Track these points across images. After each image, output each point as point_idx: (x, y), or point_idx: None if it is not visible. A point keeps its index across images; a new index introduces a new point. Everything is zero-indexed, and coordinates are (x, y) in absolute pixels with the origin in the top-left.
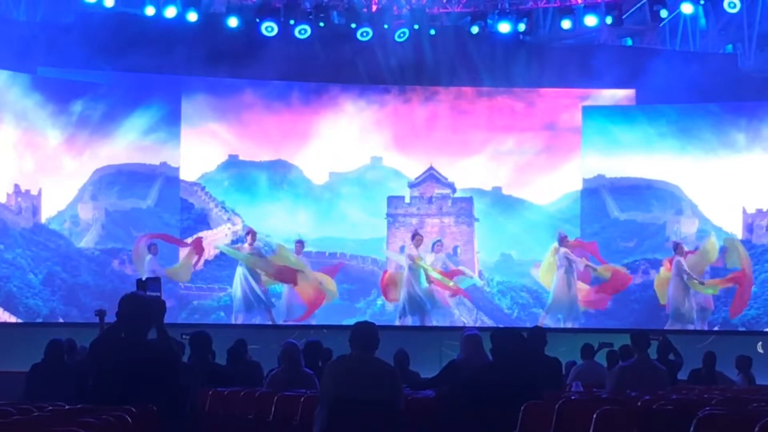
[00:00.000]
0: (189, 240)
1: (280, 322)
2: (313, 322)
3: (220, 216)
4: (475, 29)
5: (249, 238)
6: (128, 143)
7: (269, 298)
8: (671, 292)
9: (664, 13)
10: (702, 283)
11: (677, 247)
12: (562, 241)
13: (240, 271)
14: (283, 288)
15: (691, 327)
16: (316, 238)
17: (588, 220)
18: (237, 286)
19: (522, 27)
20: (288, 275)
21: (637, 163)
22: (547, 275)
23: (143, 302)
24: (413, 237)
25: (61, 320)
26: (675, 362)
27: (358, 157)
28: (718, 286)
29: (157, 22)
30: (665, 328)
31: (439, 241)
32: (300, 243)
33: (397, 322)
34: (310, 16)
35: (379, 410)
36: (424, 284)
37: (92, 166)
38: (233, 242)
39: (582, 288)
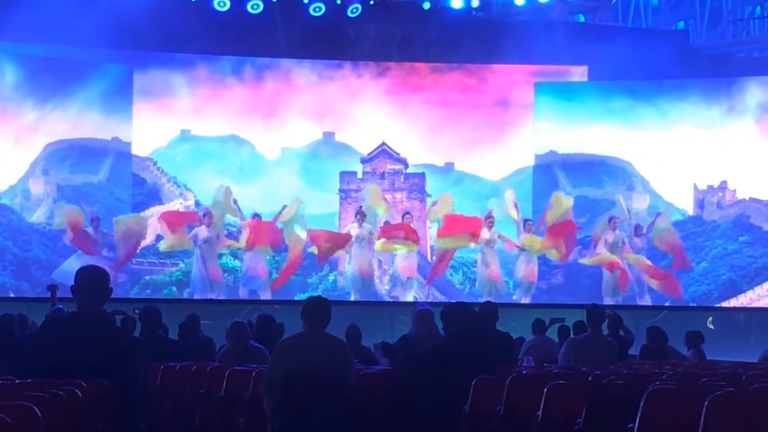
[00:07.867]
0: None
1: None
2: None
3: (172, 191)
4: (427, 5)
5: (206, 219)
6: (80, 118)
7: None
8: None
9: None
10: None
11: (611, 221)
12: (489, 218)
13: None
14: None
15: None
16: (268, 213)
17: (540, 195)
18: (194, 267)
19: (476, 2)
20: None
21: (589, 139)
22: None
23: (100, 274)
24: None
25: (11, 295)
26: (626, 338)
27: (311, 133)
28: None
29: None
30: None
31: (408, 213)
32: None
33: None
34: None
35: (331, 386)
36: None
37: (43, 141)
38: None
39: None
